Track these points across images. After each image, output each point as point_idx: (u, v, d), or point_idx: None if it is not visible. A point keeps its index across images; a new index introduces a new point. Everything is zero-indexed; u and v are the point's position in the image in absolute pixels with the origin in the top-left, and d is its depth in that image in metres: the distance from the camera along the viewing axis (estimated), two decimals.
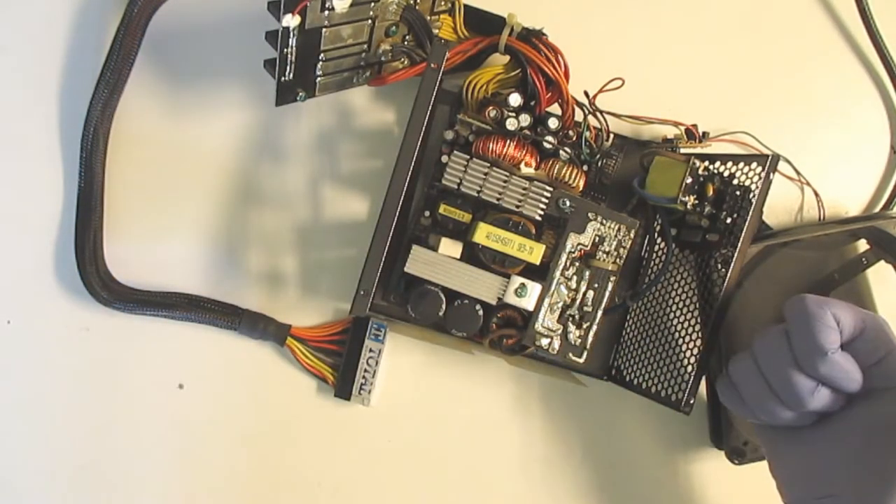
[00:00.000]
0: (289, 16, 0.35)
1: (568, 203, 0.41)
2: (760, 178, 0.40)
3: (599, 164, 0.46)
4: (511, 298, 0.41)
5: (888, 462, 0.34)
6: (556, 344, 0.42)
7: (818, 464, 0.37)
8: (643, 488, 0.49)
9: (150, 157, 0.46)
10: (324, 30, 0.38)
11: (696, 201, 0.42)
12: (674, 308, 0.44)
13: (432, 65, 0.37)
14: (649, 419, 0.49)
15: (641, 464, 0.49)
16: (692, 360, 0.41)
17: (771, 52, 0.49)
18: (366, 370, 0.46)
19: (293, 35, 0.37)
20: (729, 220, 0.41)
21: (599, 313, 0.42)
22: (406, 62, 0.44)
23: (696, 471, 0.49)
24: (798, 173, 0.49)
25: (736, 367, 0.39)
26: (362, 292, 0.38)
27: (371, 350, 0.46)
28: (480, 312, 0.42)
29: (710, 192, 0.42)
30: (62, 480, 0.46)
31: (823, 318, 0.36)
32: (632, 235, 0.41)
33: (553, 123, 0.43)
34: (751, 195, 0.40)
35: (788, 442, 0.39)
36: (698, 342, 0.41)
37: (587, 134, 0.44)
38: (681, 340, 0.43)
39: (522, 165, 0.42)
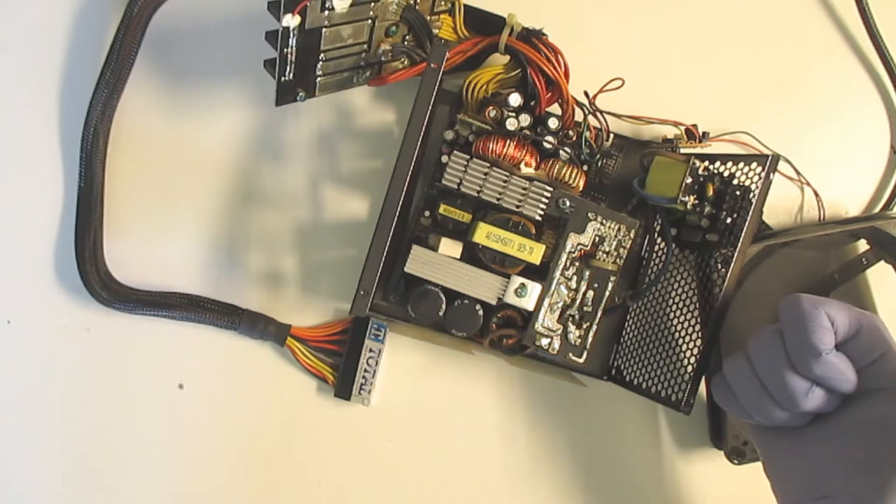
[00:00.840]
0: (289, 16, 0.35)
1: (568, 203, 0.41)
2: (760, 178, 0.40)
3: (599, 164, 0.46)
4: (511, 298, 0.41)
5: (883, 463, 0.34)
6: (556, 344, 0.42)
7: (813, 465, 0.37)
8: (643, 488, 0.49)
9: (150, 157, 0.46)
10: (324, 30, 0.38)
11: (696, 201, 0.42)
12: (674, 308, 0.44)
13: (432, 65, 0.37)
14: (649, 419, 0.49)
15: (641, 464, 0.49)
16: (692, 360, 0.41)
17: (771, 53, 0.49)
18: (366, 370, 0.46)
19: (293, 35, 0.37)
20: (729, 220, 0.41)
21: (599, 313, 0.42)
22: (406, 62, 0.44)
23: (696, 471, 0.49)
24: (798, 173, 0.49)
25: (730, 367, 0.39)
26: (362, 292, 0.38)
27: (371, 350, 0.46)
28: (480, 312, 0.42)
29: (710, 192, 0.42)
30: (62, 480, 0.46)
31: (818, 319, 0.35)
32: (632, 235, 0.41)
33: (553, 123, 0.43)
34: (751, 195, 0.40)
35: (783, 443, 0.38)
36: (698, 342, 0.41)
37: (587, 134, 0.44)
38: (681, 340, 0.43)
39: (522, 165, 0.42)
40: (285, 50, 0.37)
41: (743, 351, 0.39)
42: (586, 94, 0.43)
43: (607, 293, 0.42)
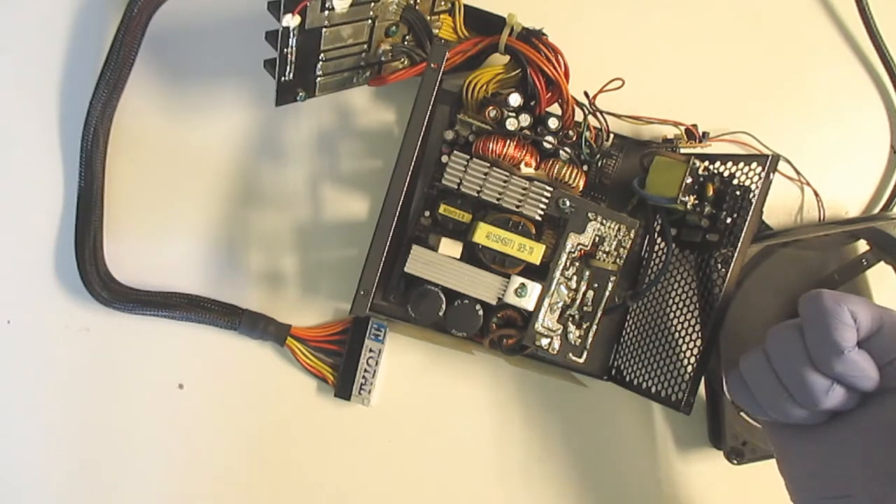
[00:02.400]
0: (289, 16, 0.35)
1: (568, 203, 0.41)
2: (760, 178, 0.40)
3: (599, 164, 0.46)
4: (511, 298, 0.41)
5: None
6: (556, 344, 0.42)
7: (830, 463, 0.36)
8: (643, 488, 0.49)
9: (150, 157, 0.46)
10: (324, 30, 0.38)
11: (696, 201, 0.42)
12: (674, 308, 0.44)
13: (432, 65, 0.37)
14: (649, 419, 0.49)
15: (641, 464, 0.49)
16: (692, 360, 0.41)
17: (771, 52, 0.49)
18: (366, 370, 0.46)
19: (293, 35, 0.37)
20: (729, 220, 0.41)
21: (599, 313, 0.42)
22: (406, 62, 0.44)
23: (695, 471, 0.49)
24: (798, 173, 0.49)
25: (747, 364, 0.38)
26: (362, 292, 0.38)
27: (371, 350, 0.46)
28: (480, 312, 0.42)
29: (710, 192, 0.42)
30: (62, 480, 0.46)
31: (840, 315, 0.35)
32: (632, 235, 0.41)
33: (553, 123, 0.43)
34: (751, 195, 0.40)
35: (799, 440, 0.38)
36: (698, 342, 0.41)
37: (587, 134, 0.44)
38: (681, 340, 0.43)
39: (522, 165, 0.42)
40: (285, 50, 0.37)
41: (760, 347, 0.38)
42: (586, 94, 0.43)
43: (607, 293, 0.42)
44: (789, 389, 0.36)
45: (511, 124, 0.42)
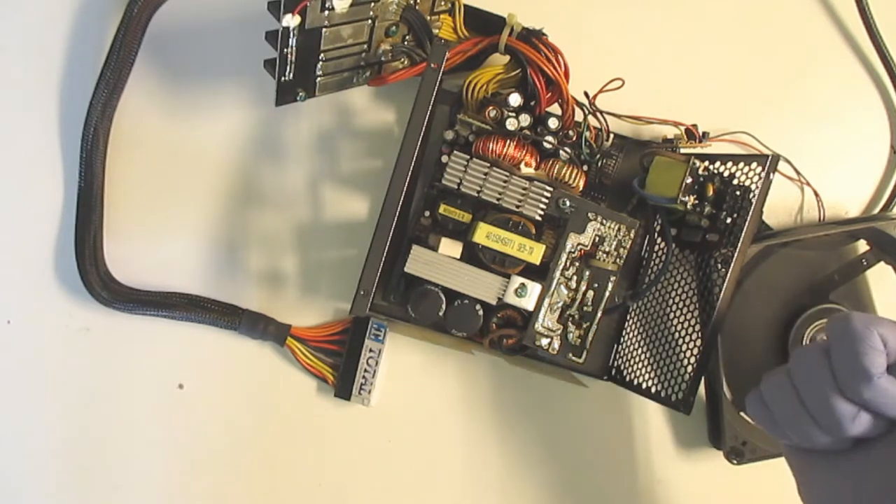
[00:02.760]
0: (289, 16, 0.35)
1: (568, 203, 0.41)
2: (760, 178, 0.40)
3: (599, 164, 0.46)
4: (511, 298, 0.41)
5: None
6: (556, 344, 0.42)
7: (854, 492, 0.34)
8: (642, 488, 0.49)
9: (150, 157, 0.46)
10: (324, 30, 0.38)
11: (696, 201, 0.42)
12: (674, 308, 0.44)
13: (432, 65, 0.37)
14: (649, 419, 0.49)
15: (641, 464, 0.49)
16: (692, 360, 0.41)
17: (771, 53, 0.49)
18: (366, 370, 0.46)
19: (293, 35, 0.37)
20: (729, 220, 0.41)
21: (599, 313, 0.42)
22: (406, 62, 0.44)
23: (694, 471, 0.49)
24: (798, 173, 0.49)
25: (769, 385, 0.37)
26: (362, 292, 0.38)
27: (371, 350, 0.46)
28: (480, 312, 0.42)
29: (710, 192, 0.42)
30: (62, 480, 0.46)
31: (870, 340, 0.33)
32: (632, 235, 0.41)
33: (553, 123, 0.43)
34: (751, 195, 0.40)
35: (821, 467, 0.36)
36: (698, 342, 0.41)
37: (587, 134, 0.44)
38: (681, 340, 0.43)
39: (522, 165, 0.42)
40: (285, 50, 0.37)
41: (784, 368, 0.37)
42: (586, 94, 0.43)
43: (607, 293, 0.42)
44: (813, 414, 0.35)
45: (511, 124, 0.42)
